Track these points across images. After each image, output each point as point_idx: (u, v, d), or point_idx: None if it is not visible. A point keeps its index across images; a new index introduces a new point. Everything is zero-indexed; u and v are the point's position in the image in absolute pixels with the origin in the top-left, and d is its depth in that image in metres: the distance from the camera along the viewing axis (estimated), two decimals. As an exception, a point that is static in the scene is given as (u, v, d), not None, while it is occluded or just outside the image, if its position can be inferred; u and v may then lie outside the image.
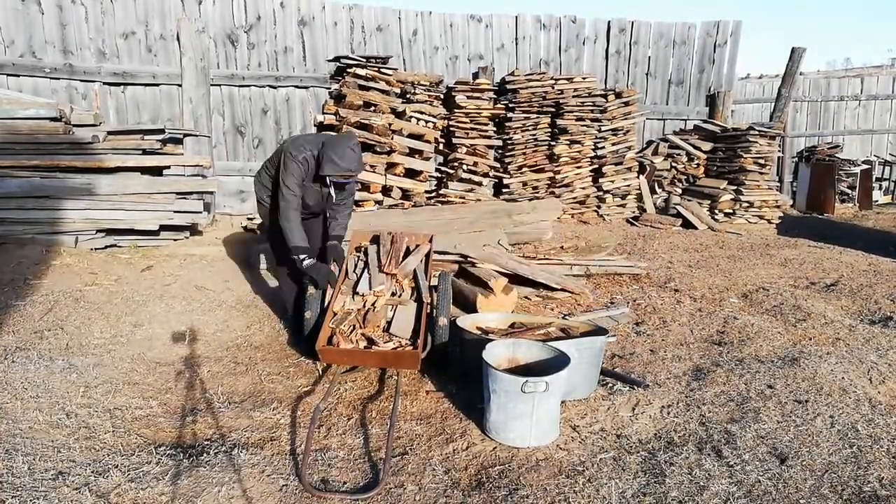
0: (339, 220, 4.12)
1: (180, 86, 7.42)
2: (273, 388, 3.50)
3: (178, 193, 6.14)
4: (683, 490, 2.50)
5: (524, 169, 8.39)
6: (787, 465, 2.65)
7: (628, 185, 8.81)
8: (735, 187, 8.74)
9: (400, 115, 7.67)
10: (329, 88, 7.90)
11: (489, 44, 8.55)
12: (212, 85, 7.58)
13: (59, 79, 7.16)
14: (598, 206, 8.63)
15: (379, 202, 7.64)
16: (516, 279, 5.01)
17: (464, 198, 8.05)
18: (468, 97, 8.04)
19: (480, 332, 3.65)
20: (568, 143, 8.38)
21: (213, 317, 4.59)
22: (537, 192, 8.43)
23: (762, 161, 8.75)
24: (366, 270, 3.99)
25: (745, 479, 2.56)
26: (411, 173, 7.82)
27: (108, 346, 3.90)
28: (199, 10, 7.42)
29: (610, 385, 3.52)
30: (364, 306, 3.81)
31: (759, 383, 3.41)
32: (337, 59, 7.79)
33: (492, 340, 3.27)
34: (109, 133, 6.22)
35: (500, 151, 8.41)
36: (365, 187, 7.55)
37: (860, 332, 4.19)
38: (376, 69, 7.63)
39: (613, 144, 8.61)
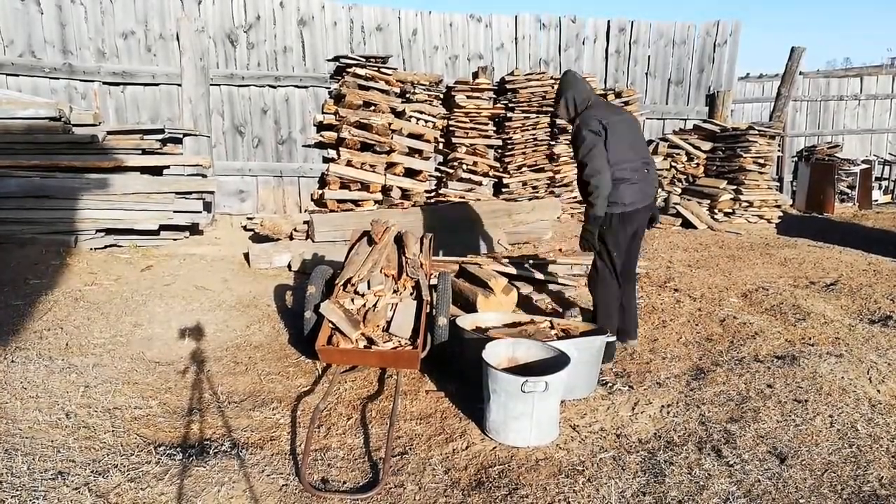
0: None
1: (180, 85, 7.41)
2: (273, 388, 3.50)
3: (177, 193, 6.13)
4: (683, 490, 2.50)
5: (524, 168, 8.38)
6: (787, 465, 2.65)
7: (628, 185, 8.81)
8: (735, 187, 8.74)
9: (399, 114, 7.67)
10: (329, 88, 7.90)
11: (489, 43, 8.53)
12: (211, 84, 7.57)
13: (58, 78, 7.14)
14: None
15: (378, 202, 7.64)
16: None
17: (463, 197, 8.05)
18: (468, 97, 8.04)
19: (480, 331, 3.65)
20: (568, 142, 8.36)
21: (213, 316, 4.59)
22: (537, 192, 8.42)
23: (762, 161, 8.75)
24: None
25: (744, 478, 2.56)
26: (411, 173, 7.82)
27: (108, 346, 3.90)
28: (198, 9, 7.41)
29: (610, 385, 3.53)
30: (364, 306, 3.81)
31: (759, 383, 3.42)
32: (336, 58, 7.78)
33: (491, 340, 3.27)
34: (109, 133, 6.22)
35: (499, 151, 8.40)
36: (364, 187, 7.55)
37: (860, 332, 4.19)
38: (376, 69, 7.62)
39: (613, 144, 8.60)
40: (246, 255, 6.14)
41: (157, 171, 6.35)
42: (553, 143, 8.39)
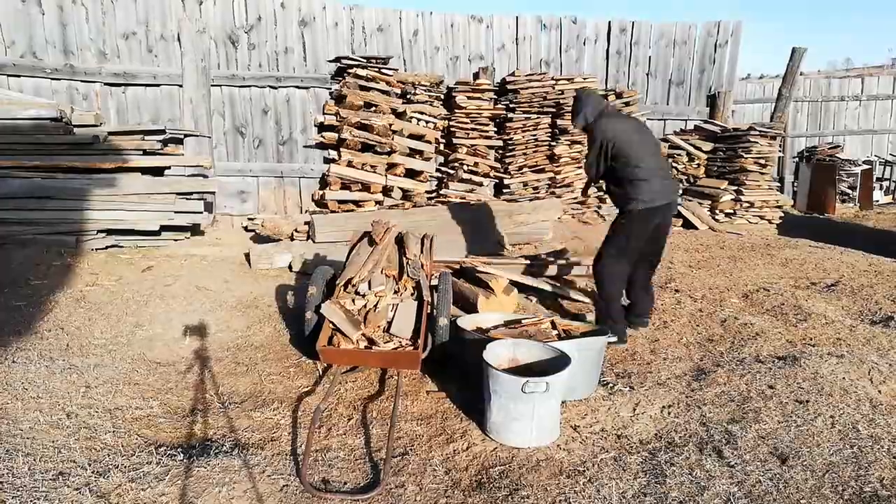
0: None
1: (181, 86, 7.41)
2: (273, 389, 3.50)
3: (178, 194, 6.14)
4: (684, 490, 2.50)
5: (525, 169, 8.37)
6: (788, 466, 2.64)
7: (629, 186, 8.80)
8: (736, 187, 8.73)
9: (400, 115, 7.67)
10: (330, 89, 7.90)
11: (490, 44, 8.53)
12: (212, 85, 7.58)
13: (59, 79, 7.15)
14: (599, 206, 8.62)
15: (379, 202, 7.64)
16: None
17: (464, 198, 8.05)
18: (469, 97, 8.04)
19: (481, 332, 3.65)
20: (569, 143, 8.36)
21: (214, 317, 4.59)
22: (538, 193, 8.41)
23: (763, 161, 8.74)
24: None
25: (745, 479, 2.56)
26: (412, 174, 7.82)
27: (109, 347, 3.91)
28: (199, 10, 7.41)
29: (611, 385, 3.52)
30: (365, 307, 3.81)
31: (760, 383, 3.41)
32: (338, 59, 7.79)
33: (492, 340, 3.27)
34: (110, 133, 6.23)
35: (500, 152, 8.40)
36: (365, 187, 7.55)
37: (861, 333, 4.19)
38: (377, 69, 7.63)
39: (614, 145, 8.59)
40: (247, 256, 6.14)
41: (158, 171, 6.36)
42: (554, 143, 8.38)
